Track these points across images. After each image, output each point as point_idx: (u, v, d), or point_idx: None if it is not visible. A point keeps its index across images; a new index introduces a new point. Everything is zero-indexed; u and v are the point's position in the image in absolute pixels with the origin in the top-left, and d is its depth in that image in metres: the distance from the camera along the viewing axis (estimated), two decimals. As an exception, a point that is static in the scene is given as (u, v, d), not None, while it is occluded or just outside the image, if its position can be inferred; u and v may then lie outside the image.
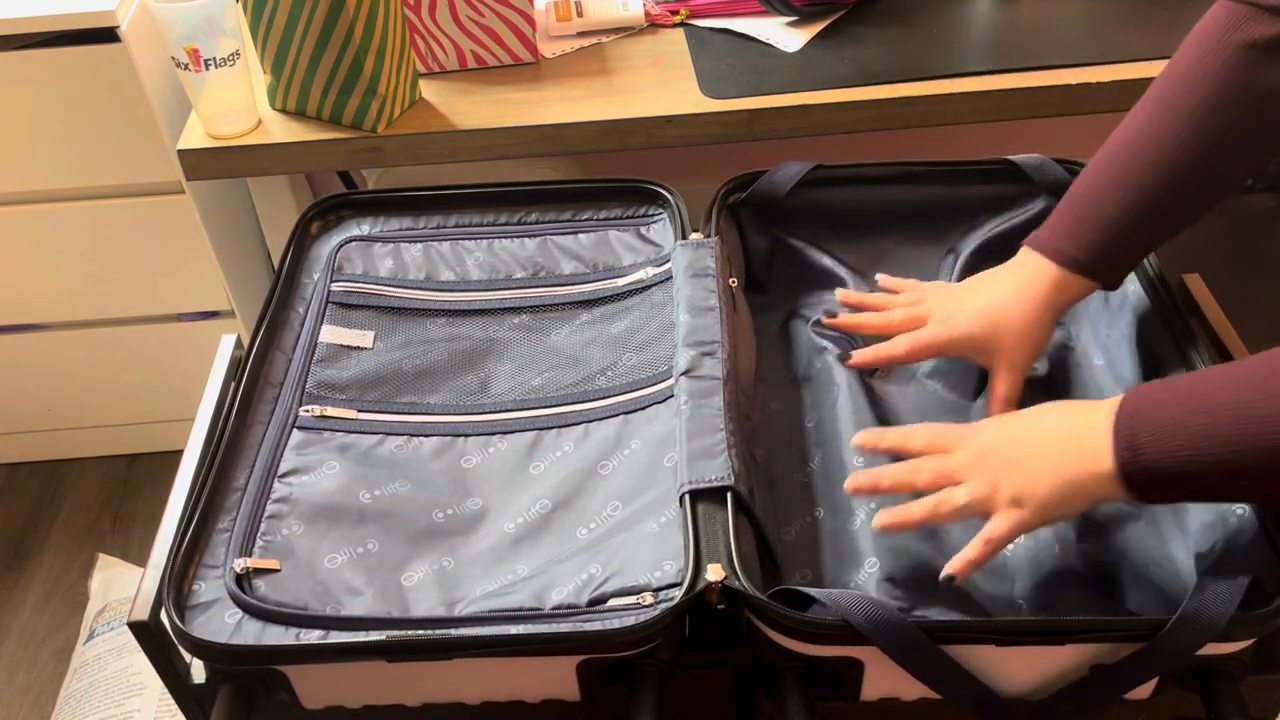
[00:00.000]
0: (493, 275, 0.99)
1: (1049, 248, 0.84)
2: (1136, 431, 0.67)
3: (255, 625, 0.72)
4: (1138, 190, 0.81)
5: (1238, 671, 0.71)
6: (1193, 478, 0.66)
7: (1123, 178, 0.82)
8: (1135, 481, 0.67)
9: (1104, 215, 0.82)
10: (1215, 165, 0.80)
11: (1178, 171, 0.80)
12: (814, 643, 0.70)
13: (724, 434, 0.79)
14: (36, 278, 1.64)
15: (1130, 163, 0.82)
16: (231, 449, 0.84)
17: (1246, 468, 0.64)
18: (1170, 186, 0.81)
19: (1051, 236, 0.85)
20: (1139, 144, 0.82)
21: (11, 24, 1.35)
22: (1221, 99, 0.78)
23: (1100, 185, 0.83)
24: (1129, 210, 0.82)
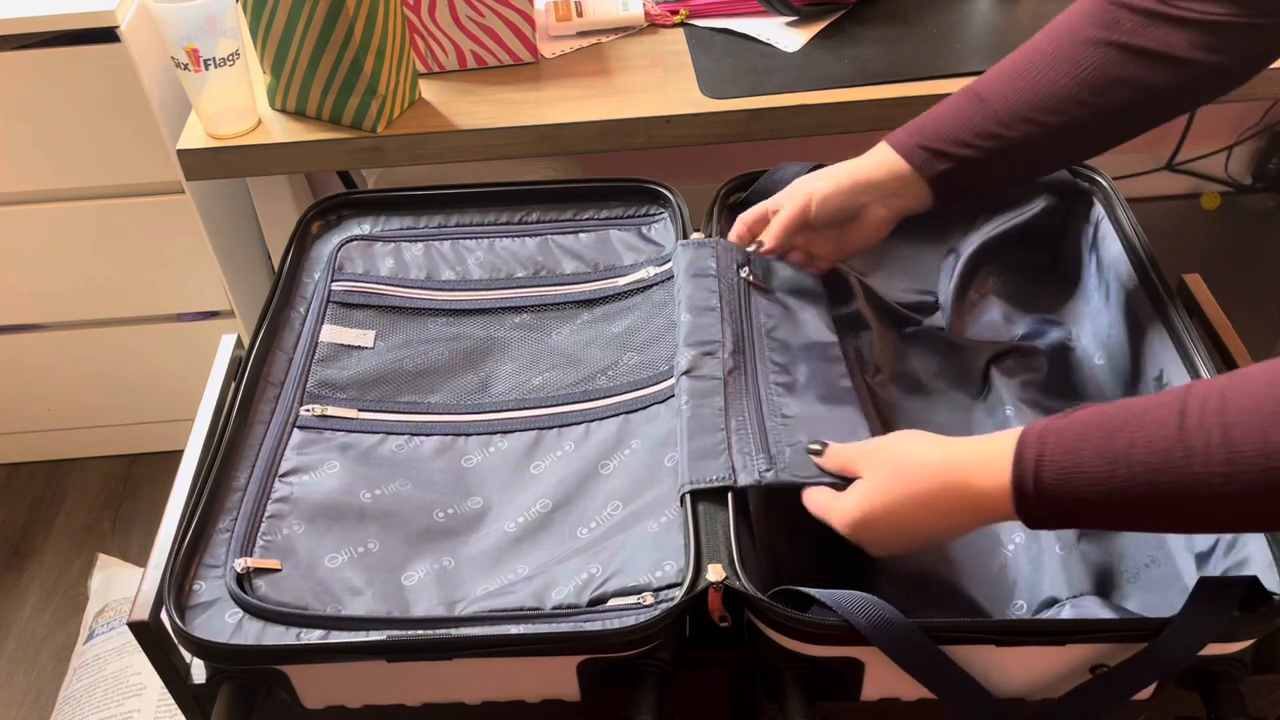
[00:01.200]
0: (494, 274, 0.99)
1: (899, 145, 0.88)
2: (1044, 442, 0.65)
3: (256, 625, 0.72)
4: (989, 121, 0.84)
5: (1238, 672, 0.71)
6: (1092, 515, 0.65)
7: (980, 109, 0.85)
8: (1025, 492, 0.65)
9: (944, 120, 0.87)
10: (1067, 135, 0.83)
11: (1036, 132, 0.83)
12: (814, 643, 0.70)
13: (724, 434, 0.79)
14: (36, 278, 1.64)
15: (992, 99, 0.85)
16: (232, 448, 0.84)
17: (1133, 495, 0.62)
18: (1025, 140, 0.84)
19: (903, 137, 0.89)
20: (1004, 88, 0.85)
21: (11, 24, 1.35)
22: (1090, 84, 0.81)
23: (953, 109, 0.87)
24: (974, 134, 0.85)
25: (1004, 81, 0.85)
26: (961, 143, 0.85)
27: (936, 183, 0.87)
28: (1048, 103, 0.82)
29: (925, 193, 0.88)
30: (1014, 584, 0.80)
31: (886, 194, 0.89)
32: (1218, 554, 0.74)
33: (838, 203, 0.89)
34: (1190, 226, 2.00)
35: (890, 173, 0.88)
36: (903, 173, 0.88)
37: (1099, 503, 0.63)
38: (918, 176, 0.87)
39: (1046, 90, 0.83)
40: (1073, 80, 0.82)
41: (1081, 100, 0.82)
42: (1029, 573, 0.81)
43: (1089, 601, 0.74)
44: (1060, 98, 0.82)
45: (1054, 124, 0.83)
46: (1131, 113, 0.82)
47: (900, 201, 0.89)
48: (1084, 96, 0.81)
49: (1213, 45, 0.77)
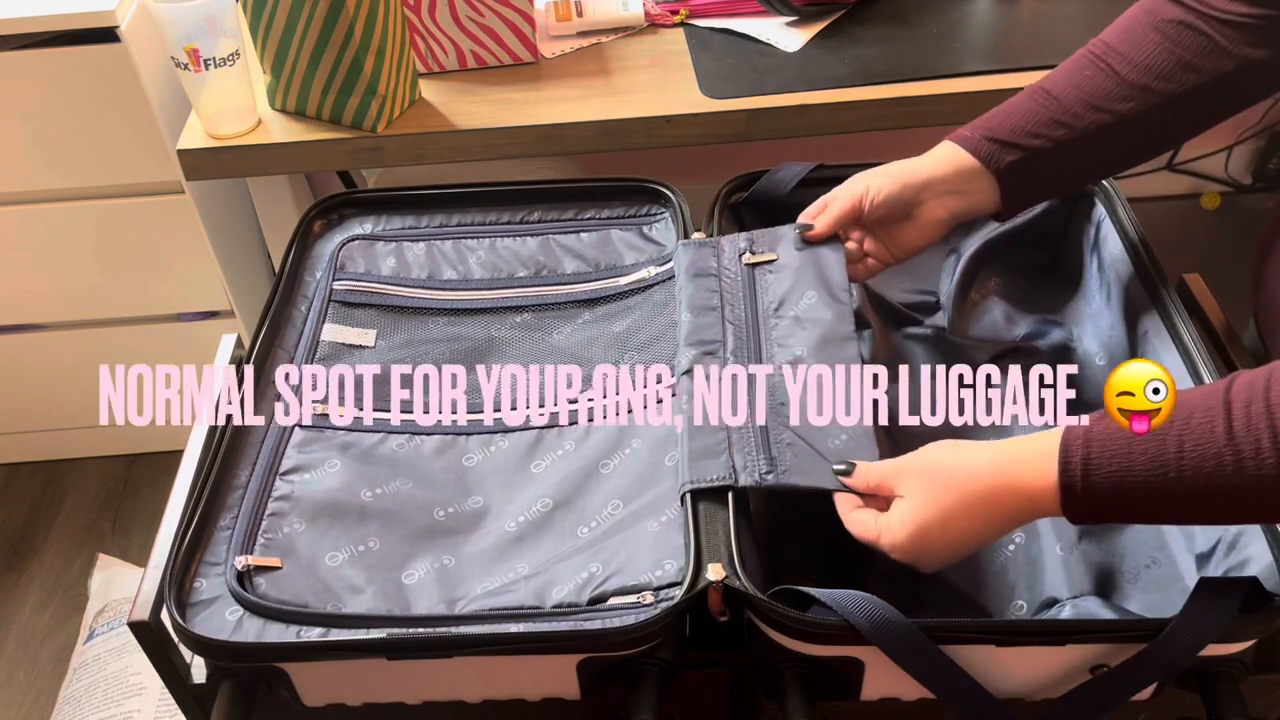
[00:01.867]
0: (495, 274, 0.99)
1: (964, 140, 0.87)
2: (1090, 444, 0.66)
3: (256, 623, 0.73)
4: (1058, 112, 0.84)
5: (1238, 672, 0.71)
6: (1135, 493, 0.65)
7: (1048, 102, 0.85)
8: (1074, 492, 0.66)
9: (1012, 113, 0.86)
10: (1135, 125, 0.83)
11: (1107, 120, 0.83)
12: (814, 642, 0.70)
13: (725, 433, 0.79)
14: (36, 278, 1.64)
15: (1059, 92, 0.85)
16: (233, 447, 0.84)
17: (1177, 492, 0.63)
18: (1096, 130, 0.84)
19: (968, 132, 0.88)
20: (1070, 81, 0.85)
21: (11, 24, 1.36)
22: (1155, 70, 0.82)
23: (1021, 104, 0.86)
24: (1043, 124, 0.84)
25: (1070, 74, 0.85)
26: (1030, 133, 0.84)
27: (1005, 178, 0.86)
28: (1116, 90, 0.83)
29: (992, 190, 0.86)
30: (1014, 584, 0.80)
31: (946, 191, 0.87)
32: (1218, 554, 0.74)
33: (893, 196, 0.88)
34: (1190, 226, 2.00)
35: (954, 168, 0.87)
36: (968, 167, 0.86)
37: (1148, 503, 0.65)
38: (985, 171, 0.86)
39: (1114, 78, 0.83)
40: (1138, 67, 0.82)
41: (1148, 86, 0.82)
42: (1029, 573, 0.81)
43: (1089, 602, 0.74)
44: (1128, 84, 0.82)
45: (1124, 111, 0.83)
46: (1201, 99, 0.82)
47: (961, 201, 0.88)
48: (1151, 83, 0.82)
49: (1246, 40, 0.79)
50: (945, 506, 0.70)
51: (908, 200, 0.89)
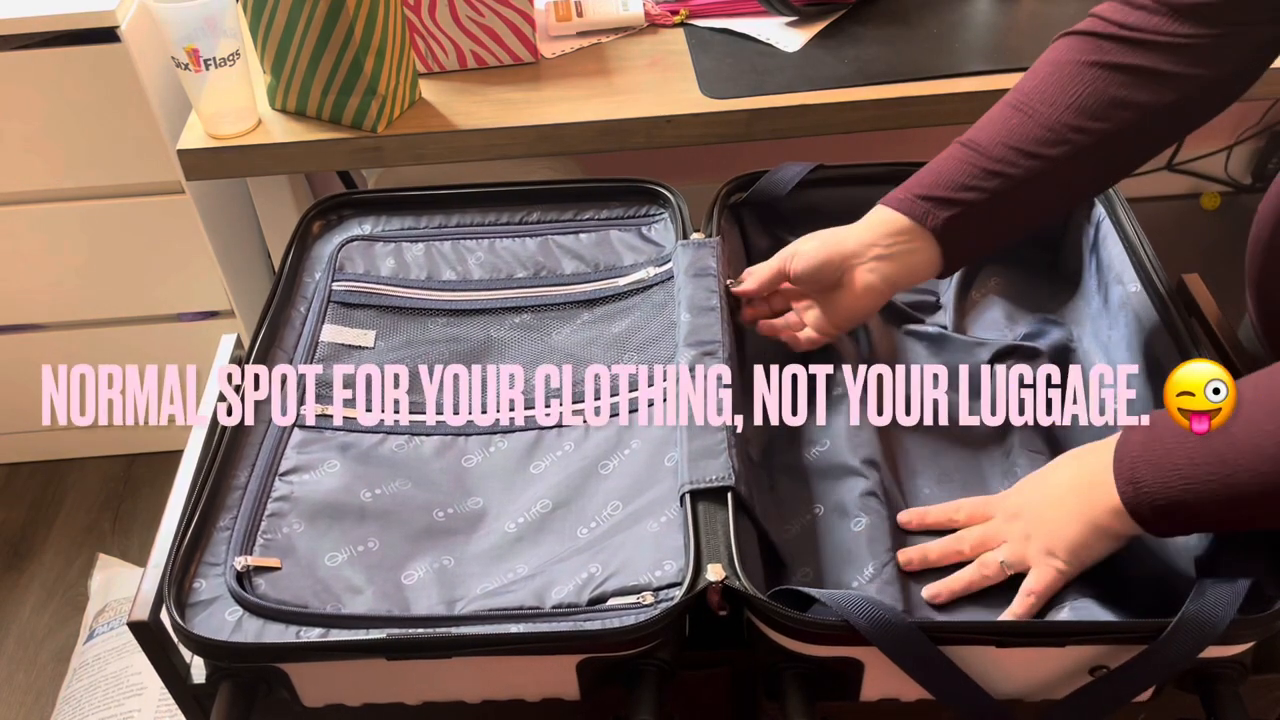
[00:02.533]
0: (494, 275, 0.99)
1: (895, 201, 0.85)
2: (1135, 465, 0.70)
3: (256, 623, 0.73)
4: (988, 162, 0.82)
5: (1238, 674, 0.71)
6: (1196, 507, 0.68)
7: (974, 155, 0.83)
8: (1141, 515, 0.70)
9: (941, 170, 0.84)
10: (1072, 167, 0.81)
11: (1041, 166, 0.81)
12: (814, 643, 0.70)
13: (724, 434, 0.79)
14: (36, 278, 1.64)
15: (984, 143, 0.82)
16: (232, 447, 0.84)
17: (1246, 493, 0.65)
18: (1030, 176, 0.81)
19: (899, 193, 0.85)
20: (994, 132, 0.83)
21: (11, 24, 1.35)
22: (1086, 110, 0.79)
23: (947, 162, 0.84)
24: (976, 176, 0.82)
25: (996, 124, 0.83)
26: (963, 186, 0.82)
27: (943, 234, 0.83)
28: (1047, 135, 0.80)
29: (930, 248, 0.84)
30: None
31: (877, 256, 0.85)
32: (1218, 555, 0.74)
33: (818, 261, 0.87)
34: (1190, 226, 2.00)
35: (886, 230, 0.85)
36: (901, 228, 0.84)
37: (1215, 515, 0.68)
38: (920, 229, 0.83)
39: (1043, 122, 0.80)
40: (1068, 108, 0.80)
41: (1080, 127, 0.80)
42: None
43: (1088, 603, 0.74)
44: (1059, 127, 0.80)
45: (1058, 155, 0.80)
46: (1133, 136, 0.81)
47: (896, 265, 0.85)
48: (1082, 123, 0.79)
49: (1190, 61, 0.77)
50: (1047, 474, 0.77)
51: (835, 265, 0.87)
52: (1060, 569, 0.74)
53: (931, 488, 0.87)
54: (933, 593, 0.77)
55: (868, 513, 0.81)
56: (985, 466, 0.87)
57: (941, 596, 0.77)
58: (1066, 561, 0.74)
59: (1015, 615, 0.74)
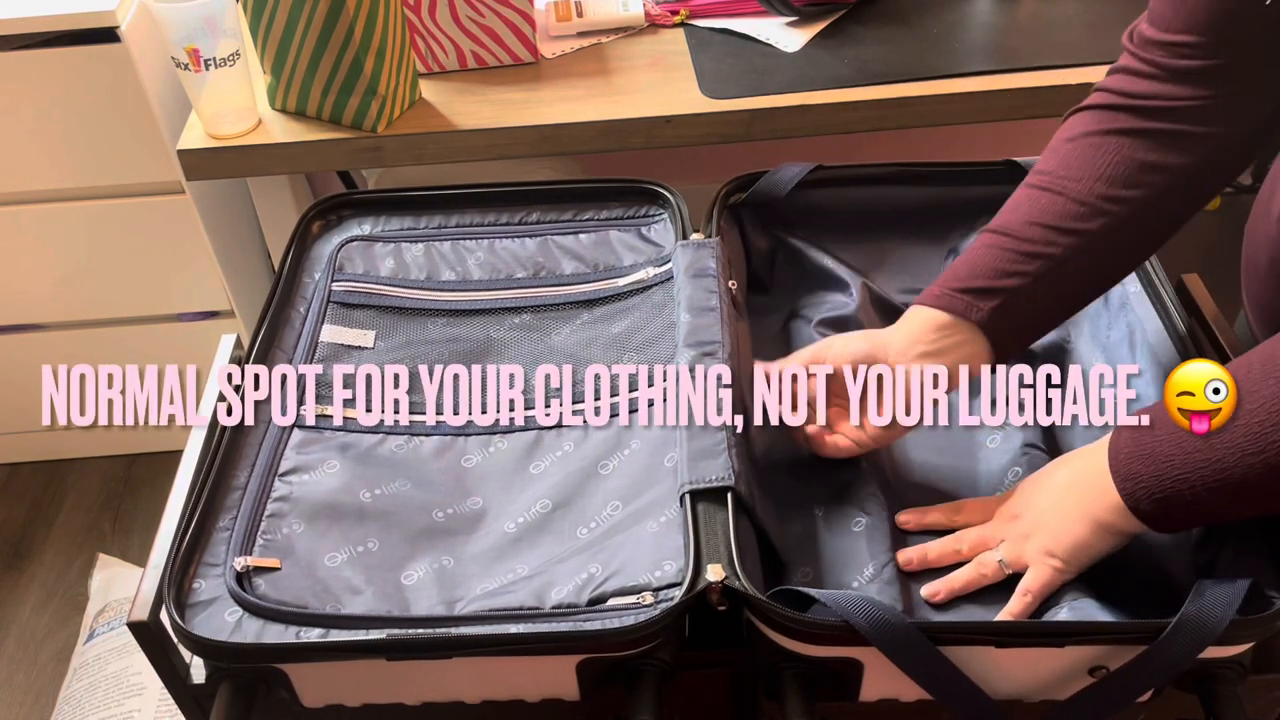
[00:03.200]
0: (494, 275, 0.99)
1: (932, 298, 0.81)
2: (1130, 460, 0.70)
3: (255, 623, 0.72)
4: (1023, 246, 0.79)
5: (1237, 675, 0.71)
6: (1192, 498, 0.68)
7: (1007, 242, 0.80)
8: (1141, 510, 0.70)
9: (975, 262, 0.80)
10: (1112, 240, 0.79)
11: (1079, 243, 0.78)
12: (814, 643, 0.70)
13: (724, 434, 0.79)
14: (36, 278, 1.64)
15: (1016, 229, 0.80)
16: (232, 448, 0.84)
17: (1238, 481, 0.66)
18: (1071, 254, 0.79)
19: (935, 289, 0.81)
20: (1024, 215, 0.80)
21: (11, 24, 1.36)
22: (1116, 179, 0.78)
23: (979, 253, 0.81)
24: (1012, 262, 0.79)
25: (1024, 208, 0.80)
26: (1002, 273, 0.78)
27: (989, 325, 0.79)
28: (1080, 210, 0.78)
29: (978, 341, 0.79)
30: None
31: (921, 354, 0.81)
32: (1217, 556, 0.74)
33: (860, 353, 0.82)
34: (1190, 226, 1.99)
35: (927, 328, 0.80)
36: (943, 324, 0.79)
37: (1213, 505, 0.68)
38: (964, 324, 0.79)
39: (1075, 198, 0.78)
40: (1098, 180, 0.78)
41: (1114, 197, 0.78)
42: (1028, 573, 0.80)
43: (1087, 603, 0.74)
44: (1092, 200, 0.78)
45: (1096, 229, 0.78)
46: (1167, 200, 0.79)
47: (942, 361, 0.80)
48: (1115, 192, 0.78)
49: (1204, 121, 0.77)
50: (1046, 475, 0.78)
51: (878, 363, 0.82)
52: (1058, 568, 0.74)
53: (931, 488, 0.87)
54: (931, 591, 0.77)
55: (867, 513, 0.81)
56: (985, 467, 0.87)
57: (940, 595, 0.77)
58: (1065, 561, 0.74)
59: (1012, 614, 0.74)
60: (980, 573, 0.77)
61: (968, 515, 0.81)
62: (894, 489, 0.86)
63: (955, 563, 0.79)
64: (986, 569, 0.77)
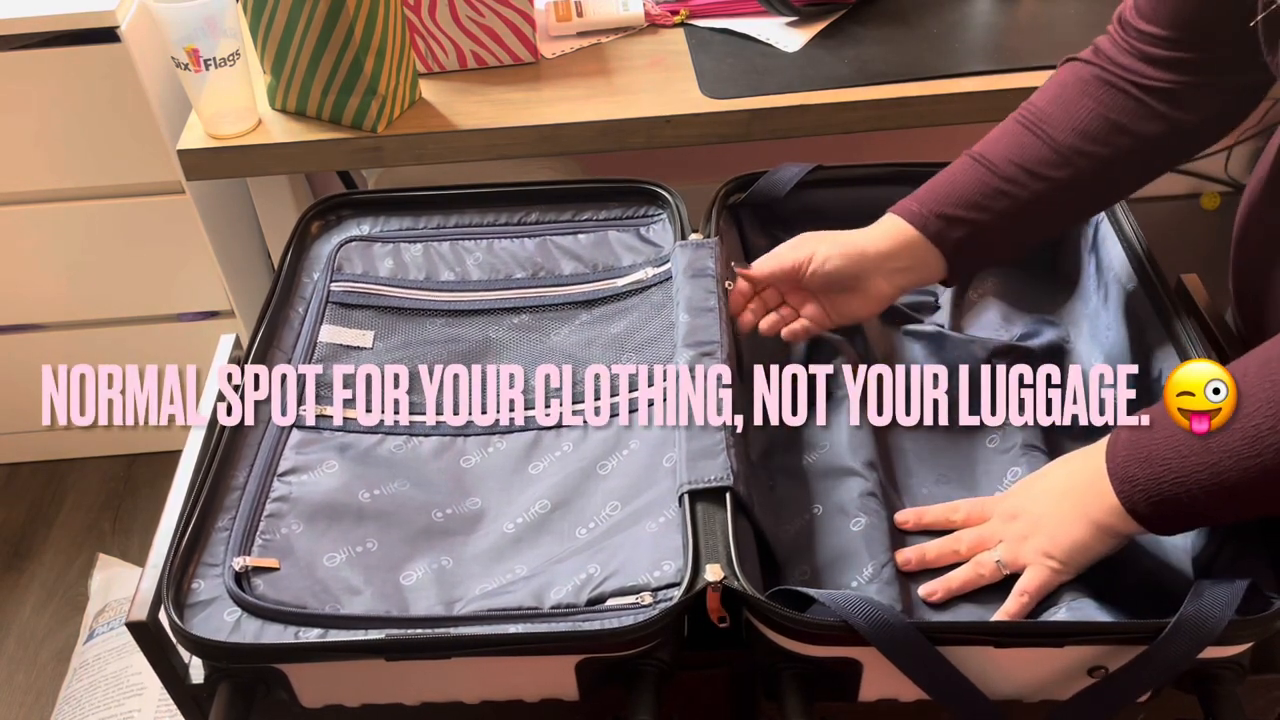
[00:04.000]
0: (492, 275, 0.99)
1: (909, 213, 0.87)
2: (1127, 463, 0.71)
3: (254, 623, 0.72)
4: (999, 181, 0.85)
5: (1236, 675, 0.71)
6: (1189, 500, 0.68)
7: (987, 172, 0.85)
8: (1139, 512, 0.70)
9: (954, 185, 0.86)
10: (1072, 190, 0.85)
11: (1045, 188, 0.84)
12: (813, 643, 0.70)
13: (723, 434, 0.79)
14: (36, 278, 1.64)
15: (997, 160, 0.85)
16: (231, 448, 0.84)
17: (1235, 483, 0.66)
18: (1035, 198, 0.84)
19: (914, 206, 0.88)
20: (1006, 149, 0.86)
21: (11, 24, 1.36)
22: (1089, 134, 0.83)
23: (962, 175, 0.87)
24: (987, 195, 0.85)
25: (1005, 141, 0.86)
26: (975, 205, 0.85)
27: (953, 254, 0.86)
28: (1054, 157, 0.83)
29: (939, 263, 0.87)
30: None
31: (894, 267, 0.88)
32: (1216, 556, 0.74)
33: (840, 270, 0.88)
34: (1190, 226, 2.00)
35: (902, 243, 0.87)
36: (915, 242, 0.87)
37: (1211, 507, 0.69)
38: (931, 246, 0.86)
39: (1051, 144, 0.84)
40: (1073, 131, 0.83)
41: (1083, 151, 0.83)
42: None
43: (1086, 603, 0.74)
44: (1065, 150, 0.83)
45: (1060, 178, 0.84)
46: (1127, 163, 0.84)
47: (908, 276, 0.88)
48: (1085, 146, 0.83)
49: (1172, 105, 0.81)
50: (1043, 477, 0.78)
51: (855, 275, 0.88)
52: (1056, 569, 0.74)
53: (930, 488, 0.87)
54: (929, 590, 0.77)
55: (866, 513, 0.81)
56: (984, 467, 0.87)
57: (937, 594, 0.77)
58: (1063, 562, 0.74)
59: (1008, 614, 0.74)
60: (978, 573, 0.77)
61: (966, 515, 0.81)
62: (893, 489, 0.86)
63: (953, 563, 0.79)
64: (984, 569, 0.77)
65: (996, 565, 0.77)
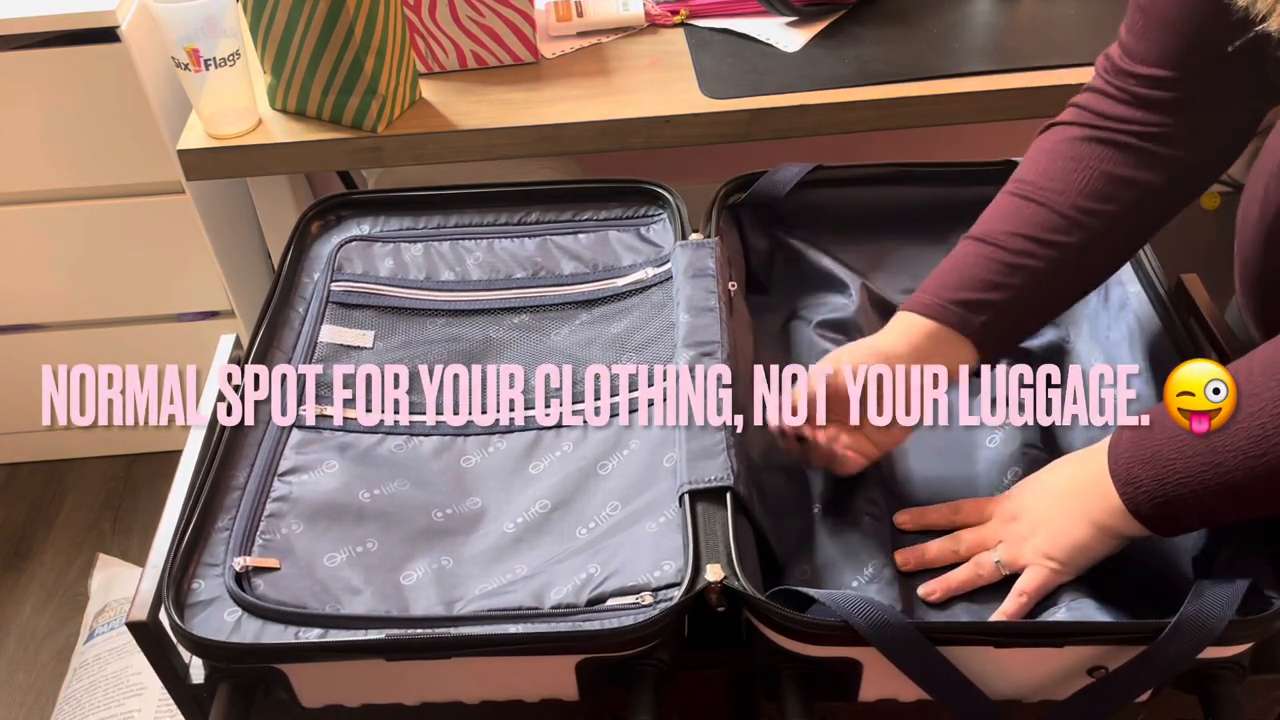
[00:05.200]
0: (493, 275, 0.99)
1: (923, 306, 0.83)
2: (1131, 464, 0.70)
3: (254, 623, 0.72)
4: (1008, 257, 0.81)
5: (1236, 675, 0.71)
6: (1193, 500, 0.68)
7: (994, 252, 0.82)
8: (1142, 513, 0.70)
9: (962, 272, 0.83)
10: (1087, 253, 0.82)
11: (1059, 255, 0.81)
12: (813, 643, 0.70)
13: (723, 434, 0.79)
14: (36, 278, 1.64)
15: (1000, 238, 0.82)
16: (231, 448, 0.84)
17: (1239, 483, 0.66)
18: (1051, 267, 0.81)
19: (928, 298, 0.83)
20: (1007, 224, 0.82)
21: (11, 24, 1.36)
22: (1092, 192, 0.80)
23: (968, 260, 0.83)
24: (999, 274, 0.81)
25: (1008, 216, 0.82)
26: (991, 286, 0.81)
27: (980, 339, 0.82)
28: (1061, 222, 0.80)
29: (967, 351, 0.82)
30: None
31: (919, 360, 0.82)
32: (1216, 556, 0.74)
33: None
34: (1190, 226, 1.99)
35: (929, 339, 0.82)
36: (936, 334, 0.82)
37: (1214, 507, 0.69)
38: (955, 334, 0.81)
39: (1056, 209, 0.81)
40: (1077, 193, 0.80)
41: (1090, 210, 0.80)
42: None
43: (1085, 603, 0.74)
44: (1071, 213, 0.80)
45: (1074, 242, 0.80)
46: (1136, 215, 0.81)
47: (939, 367, 0.82)
48: (1091, 205, 0.80)
49: (1169, 145, 0.79)
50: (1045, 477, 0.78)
51: None
52: (1056, 570, 0.74)
53: (930, 488, 0.87)
54: (928, 590, 0.77)
55: (866, 513, 0.81)
56: (984, 467, 0.87)
57: (936, 594, 0.77)
58: (1063, 564, 0.74)
59: (1006, 615, 0.74)
60: (977, 573, 0.77)
61: (966, 515, 0.81)
62: (893, 489, 0.86)
63: (953, 563, 0.79)
64: (983, 569, 0.77)
65: (996, 566, 0.77)
